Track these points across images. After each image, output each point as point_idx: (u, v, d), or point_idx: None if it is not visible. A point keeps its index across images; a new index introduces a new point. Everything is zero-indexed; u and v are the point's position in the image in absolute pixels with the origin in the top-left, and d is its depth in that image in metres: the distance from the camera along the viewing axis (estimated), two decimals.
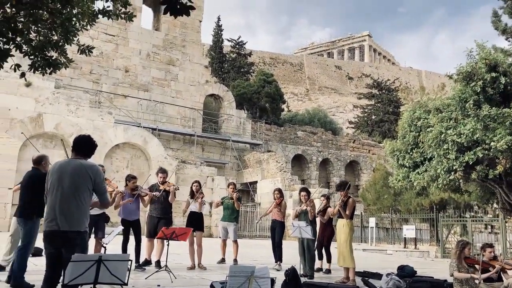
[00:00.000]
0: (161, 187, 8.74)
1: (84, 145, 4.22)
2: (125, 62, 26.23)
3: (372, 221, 20.45)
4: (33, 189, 6.18)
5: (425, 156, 12.40)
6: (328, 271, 9.63)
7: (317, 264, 9.62)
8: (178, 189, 9.26)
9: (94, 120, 19.69)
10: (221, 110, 30.22)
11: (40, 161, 6.47)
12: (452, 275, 6.46)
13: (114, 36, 25.96)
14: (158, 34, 27.93)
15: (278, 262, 9.55)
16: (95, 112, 20.11)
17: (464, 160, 10.91)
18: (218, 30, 45.42)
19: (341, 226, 8.08)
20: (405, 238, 18.84)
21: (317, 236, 9.70)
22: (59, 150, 18.73)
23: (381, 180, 24.15)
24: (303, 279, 6.82)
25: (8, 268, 6.44)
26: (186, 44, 28.58)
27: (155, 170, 19.23)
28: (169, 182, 9.12)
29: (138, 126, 22.72)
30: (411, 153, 12.88)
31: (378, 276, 8.39)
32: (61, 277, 4.00)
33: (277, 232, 9.88)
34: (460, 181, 11.79)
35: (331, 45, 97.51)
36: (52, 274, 4.00)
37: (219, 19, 46.44)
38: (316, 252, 9.40)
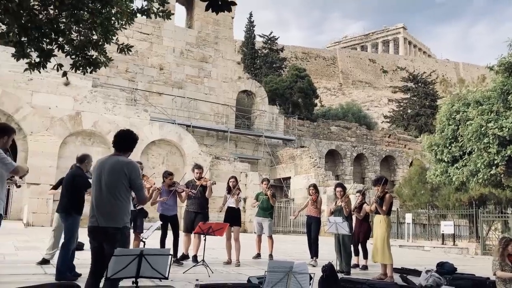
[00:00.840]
0: (198, 183, 8.83)
1: (124, 141, 4.26)
2: (160, 60, 26.64)
3: (408, 217, 20.07)
4: (73, 186, 6.39)
5: (464, 150, 12.09)
6: (365, 267, 9.52)
7: (353, 260, 9.52)
8: (215, 184, 9.33)
9: (131, 118, 20.09)
10: (254, 106, 30.27)
11: (83, 159, 6.68)
12: (495, 274, 6.25)
13: (148, 34, 26.40)
14: (191, 32, 28.21)
15: (314, 258, 9.51)
16: (131, 110, 20.52)
17: (506, 154, 10.58)
18: (250, 26, 45.44)
19: (378, 222, 7.97)
20: (443, 234, 18.40)
21: (353, 232, 9.59)
22: (97, 147, 19.25)
23: (417, 176, 23.65)
24: (340, 275, 6.76)
25: (52, 262, 6.68)
26: (218, 41, 28.75)
27: (189, 166, 19.57)
28: (205, 178, 9.20)
29: (173, 123, 23.04)
30: (449, 147, 12.58)
31: (416, 272, 8.23)
32: (105, 272, 4.12)
33: (313, 228, 9.83)
34: (502, 175, 11.41)
35: (365, 39, 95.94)
36: (96, 267, 4.10)
37: (251, 15, 46.43)
38: (352, 248, 9.31)
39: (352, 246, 9.33)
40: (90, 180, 6.59)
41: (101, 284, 4.09)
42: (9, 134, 4.84)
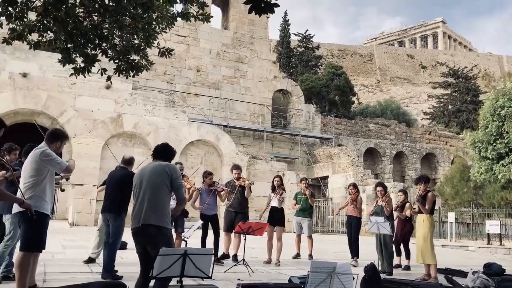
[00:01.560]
0: (237, 183, 8.89)
1: (163, 153, 4.49)
2: (197, 62, 26.99)
3: (451, 216, 19.51)
4: (121, 187, 6.55)
5: (510, 147, 11.62)
6: (407, 268, 9.33)
7: (395, 260, 9.35)
8: (253, 184, 9.37)
9: (170, 119, 20.45)
10: (290, 105, 30.18)
11: (131, 162, 6.86)
12: None
13: (185, 37, 26.79)
14: (227, 33, 28.43)
15: (354, 258, 9.40)
16: (170, 111, 20.88)
17: None
18: (285, 25, 45.31)
19: (421, 221, 7.79)
20: (488, 234, 17.77)
21: (395, 231, 9.42)
22: (138, 148, 19.70)
23: (459, 174, 22.96)
24: (382, 276, 6.65)
25: (98, 261, 6.89)
26: (254, 41, 28.84)
27: (227, 166, 19.75)
28: (243, 178, 9.26)
29: (210, 124, 23.29)
30: (494, 144, 12.13)
31: (462, 273, 8.00)
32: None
33: (353, 227, 9.72)
34: None
35: (402, 34, 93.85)
36: (145, 268, 4.23)
37: (286, 14, 46.30)
38: (394, 248, 9.14)
39: (394, 246, 9.17)
40: None
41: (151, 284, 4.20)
42: (62, 139, 5.04)
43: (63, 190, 5.98)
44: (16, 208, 4.73)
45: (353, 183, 10.47)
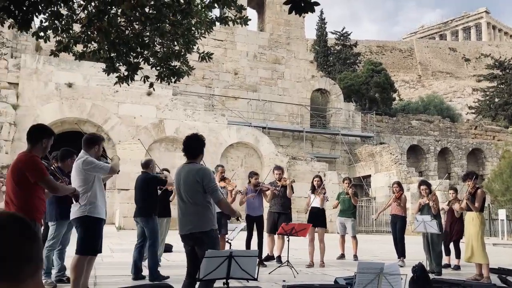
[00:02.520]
0: (279, 183, 8.88)
1: (190, 147, 4.34)
2: (234, 65, 27.19)
3: (502, 213, 18.75)
4: (145, 190, 6.73)
5: None
6: (457, 267, 9.03)
7: (444, 260, 9.06)
8: (294, 181, 9.32)
9: (209, 123, 20.70)
10: (329, 104, 29.89)
11: (148, 164, 7.04)
12: None
13: (222, 41, 27.06)
14: (263, 35, 28.50)
15: (401, 258, 9.19)
16: (210, 115, 21.13)
17: None
18: (322, 24, 44.95)
19: (471, 219, 7.53)
20: None
21: (443, 230, 9.14)
22: (179, 152, 19.97)
23: (509, 169, 22.02)
24: (431, 276, 6.47)
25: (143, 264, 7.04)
26: (290, 42, 28.77)
27: (267, 168, 19.76)
28: (284, 177, 9.24)
29: (249, 126, 23.39)
30: None
31: None
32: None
33: (398, 227, 9.50)
34: None
35: (443, 27, 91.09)
36: (191, 269, 4.28)
37: (322, 12, 45.93)
38: (443, 247, 8.87)
39: (443, 245, 8.89)
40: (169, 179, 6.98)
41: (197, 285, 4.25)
42: (99, 143, 5.18)
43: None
44: (73, 213, 4.91)
45: (397, 182, 10.25)
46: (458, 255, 9.30)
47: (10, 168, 3.80)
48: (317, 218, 8.71)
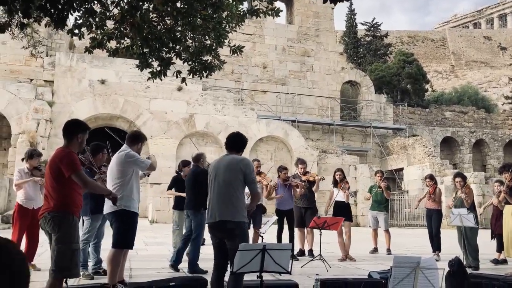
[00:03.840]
0: (304, 178, 8.81)
1: (236, 143, 4.48)
2: (263, 58, 27.14)
3: None
4: (196, 184, 6.76)
5: None
6: (497, 262, 8.76)
7: (495, 255, 8.81)
8: (324, 179, 9.24)
9: (239, 117, 20.76)
10: (359, 96, 29.49)
11: (198, 158, 7.07)
12: None
13: (251, 35, 27.02)
14: (292, 27, 28.31)
15: (436, 252, 9.01)
16: (239, 109, 21.20)
17: None
18: (351, 15, 44.25)
19: (509, 213, 7.32)
20: None
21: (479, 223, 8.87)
22: (210, 147, 20.20)
23: None
24: (468, 271, 6.31)
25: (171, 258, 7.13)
26: (319, 34, 28.48)
27: None
28: (312, 173, 9.17)
29: (278, 119, 23.34)
30: None
31: None
32: (228, 265, 4.30)
33: (434, 220, 9.31)
34: None
35: (477, 15, 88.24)
36: (219, 262, 4.30)
37: (351, 3, 45.14)
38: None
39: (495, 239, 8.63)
40: None
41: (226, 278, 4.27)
42: (142, 140, 5.31)
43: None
44: (107, 208, 5.03)
45: (430, 175, 10.04)
46: (499, 249, 9.00)
47: (48, 163, 3.91)
48: (342, 212, 8.62)
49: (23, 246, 6.52)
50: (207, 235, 9.15)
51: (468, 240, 8.15)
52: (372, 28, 45.24)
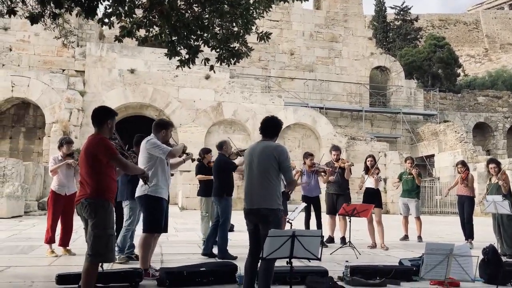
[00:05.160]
0: (336, 164, 8.75)
1: (270, 127, 4.43)
2: (290, 45, 26.92)
3: None
4: (220, 171, 6.83)
5: None
6: None
7: None
8: (353, 165, 9.15)
9: (266, 105, 20.73)
10: (389, 82, 28.96)
11: (221, 146, 7.12)
12: None
13: (278, 21, 26.81)
14: (319, 13, 27.93)
15: (469, 240, 8.83)
16: (266, 97, 21.16)
17: None
18: None
19: None
20: None
21: None
22: (238, 134, 20.29)
23: None
24: (503, 259, 6.17)
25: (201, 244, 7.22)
26: (348, 19, 28.01)
27: (325, 148, 19.56)
28: (343, 159, 9.09)
29: (306, 106, 23.19)
30: None
31: None
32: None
33: (466, 207, 9.11)
34: None
35: None
36: (253, 247, 4.32)
37: None
38: None
39: None
40: (238, 161, 7.03)
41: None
42: (166, 128, 5.40)
43: (172, 175, 6.22)
44: (137, 193, 5.16)
45: (462, 161, 9.81)
46: None
47: (83, 151, 4.00)
48: (372, 198, 8.51)
49: (58, 232, 6.75)
50: (235, 222, 9.25)
51: (504, 227, 7.94)
52: (401, 12, 44.22)
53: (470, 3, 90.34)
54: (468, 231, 9.03)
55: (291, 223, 7.07)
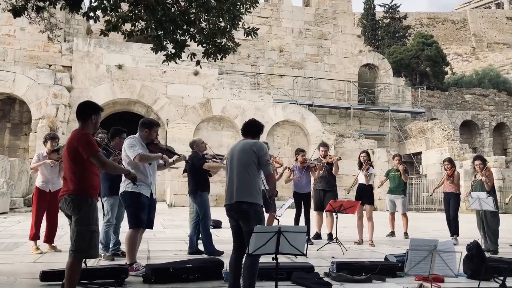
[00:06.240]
0: (324, 160, 8.77)
1: (250, 128, 4.54)
2: (279, 42, 26.90)
3: None
4: (192, 168, 6.84)
5: None
6: None
7: None
8: (340, 159, 9.18)
9: (255, 101, 20.71)
10: (377, 79, 29.10)
11: (192, 145, 7.18)
12: None
13: (267, 18, 26.77)
14: (309, 10, 27.95)
15: (454, 236, 8.93)
16: (255, 94, 21.13)
17: None
18: None
19: None
20: None
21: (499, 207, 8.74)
22: (226, 131, 20.26)
23: None
24: (487, 255, 6.24)
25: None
26: (337, 16, 28.06)
27: (314, 145, 19.61)
28: (330, 155, 9.09)
29: (295, 104, 23.21)
30: None
31: None
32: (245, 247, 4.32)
33: (452, 204, 9.21)
34: None
35: None
36: (238, 243, 4.34)
37: None
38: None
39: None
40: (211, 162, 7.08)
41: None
42: (149, 127, 5.42)
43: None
44: (120, 190, 5.18)
45: (449, 158, 9.91)
46: None
47: (66, 146, 3.95)
48: (364, 195, 8.54)
49: (43, 228, 6.68)
50: (223, 218, 9.24)
51: (488, 224, 8.04)
52: (390, 10, 44.46)
53: (458, 2, 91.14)
54: (454, 228, 9.12)
55: (278, 220, 7.08)
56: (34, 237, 6.55)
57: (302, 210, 8.51)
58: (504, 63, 55.46)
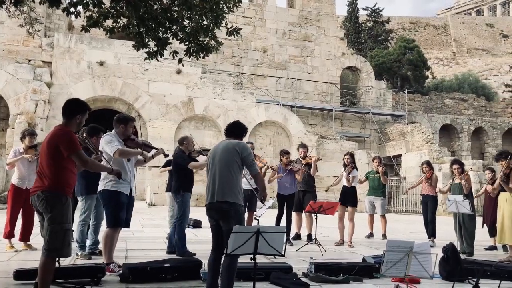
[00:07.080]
0: (303, 162, 8.80)
1: (234, 129, 4.53)
2: (263, 42, 26.94)
3: None
4: (175, 167, 6.74)
5: None
6: (493, 248, 8.82)
7: (491, 241, 8.90)
8: (320, 159, 9.21)
9: (238, 101, 20.68)
10: (359, 82, 29.38)
11: (182, 141, 6.98)
12: None
13: (251, 18, 26.78)
14: (293, 11, 28.05)
15: (431, 238, 9.06)
16: (238, 94, 21.11)
17: None
18: (353, 0, 43.89)
19: (505, 200, 7.31)
20: None
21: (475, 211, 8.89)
22: (209, 130, 20.19)
23: None
24: (462, 257, 6.35)
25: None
26: (320, 18, 28.23)
27: (295, 146, 19.57)
28: (309, 156, 9.11)
29: (278, 104, 23.27)
30: None
31: None
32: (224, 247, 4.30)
33: (429, 207, 9.34)
34: None
35: (480, 2, 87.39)
36: (217, 243, 4.32)
37: None
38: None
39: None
40: (200, 159, 6.95)
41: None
42: (125, 123, 5.33)
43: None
44: (98, 188, 5.12)
45: (427, 161, 10.06)
46: (493, 235, 9.04)
47: (45, 141, 3.87)
48: (347, 197, 8.61)
49: (18, 226, 6.55)
50: (203, 218, 9.20)
51: (466, 226, 8.18)
52: (373, 14, 44.90)
53: (440, 7, 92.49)
54: (431, 230, 9.25)
55: (257, 220, 7.08)
56: (9, 235, 6.42)
57: (285, 211, 8.52)
58: (483, 69, 56.54)
